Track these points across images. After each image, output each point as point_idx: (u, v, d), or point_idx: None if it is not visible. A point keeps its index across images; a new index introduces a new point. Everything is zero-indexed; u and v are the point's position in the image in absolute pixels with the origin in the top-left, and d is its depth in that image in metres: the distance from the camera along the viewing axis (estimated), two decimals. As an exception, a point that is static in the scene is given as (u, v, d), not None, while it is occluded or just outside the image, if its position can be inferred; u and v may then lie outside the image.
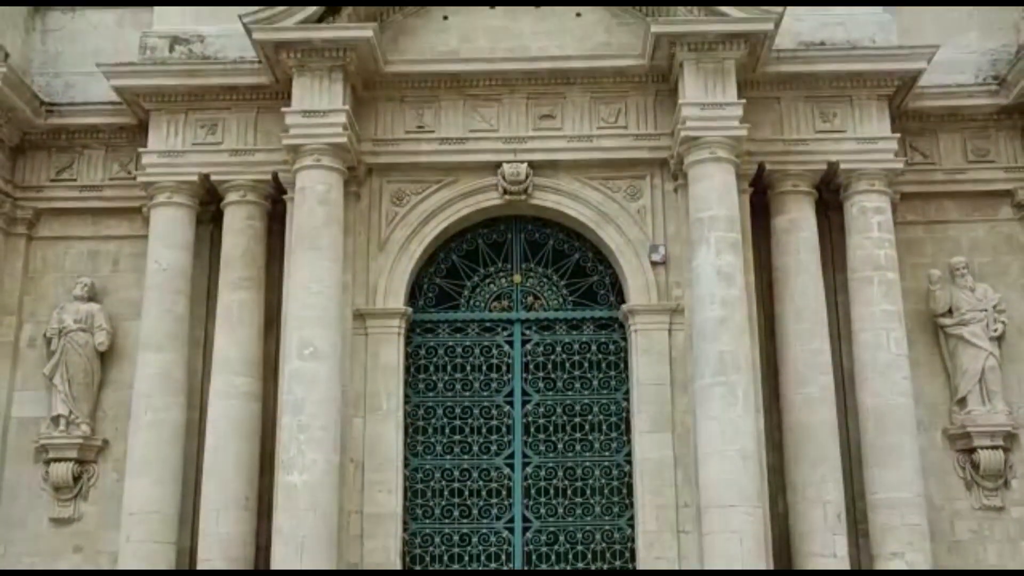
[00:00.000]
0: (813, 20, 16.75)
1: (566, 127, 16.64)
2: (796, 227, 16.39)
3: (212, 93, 16.60)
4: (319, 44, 15.87)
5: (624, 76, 16.63)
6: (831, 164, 16.35)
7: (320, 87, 16.01)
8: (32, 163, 17.58)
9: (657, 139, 16.53)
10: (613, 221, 16.53)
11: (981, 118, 17.24)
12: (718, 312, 15.11)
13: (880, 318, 15.83)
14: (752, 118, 15.94)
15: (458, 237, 17.11)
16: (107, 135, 17.46)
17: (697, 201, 15.67)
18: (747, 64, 16.06)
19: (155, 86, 16.54)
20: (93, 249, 17.41)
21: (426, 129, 16.69)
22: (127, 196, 17.17)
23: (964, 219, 17.25)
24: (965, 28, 17.65)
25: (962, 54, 17.41)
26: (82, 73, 17.53)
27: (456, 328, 16.85)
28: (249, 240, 16.42)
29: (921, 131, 17.24)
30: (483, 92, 16.70)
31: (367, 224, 16.58)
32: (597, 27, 16.90)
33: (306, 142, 15.79)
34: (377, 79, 16.55)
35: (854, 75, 16.35)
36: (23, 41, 17.82)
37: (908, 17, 17.42)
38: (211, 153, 16.58)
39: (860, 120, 16.43)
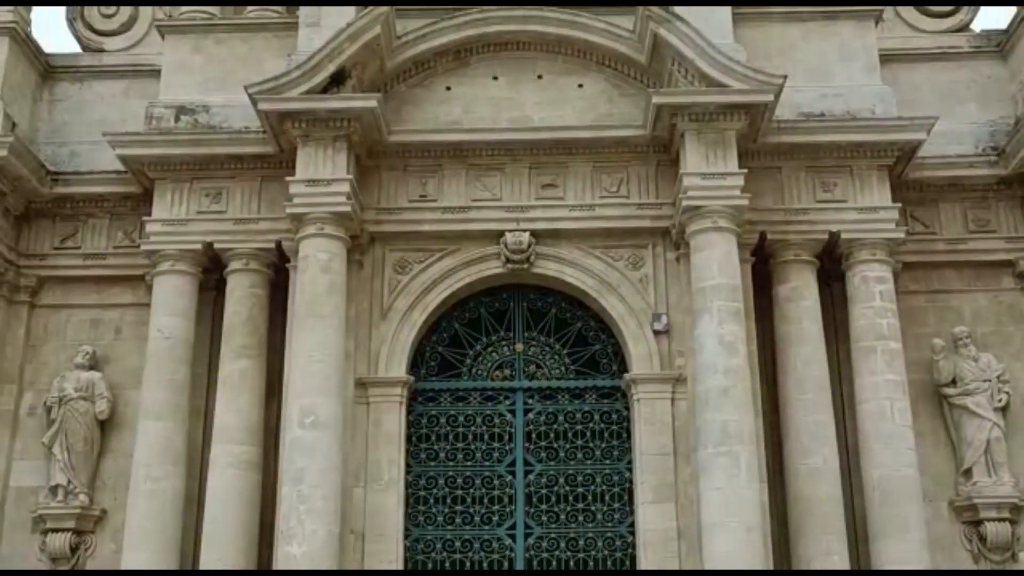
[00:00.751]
0: (813, 91, 16.92)
1: (568, 196, 16.73)
2: (798, 296, 16.40)
3: (217, 162, 16.73)
4: (323, 114, 16.02)
5: (626, 146, 16.76)
6: (832, 234, 16.40)
7: (324, 156, 16.14)
8: (36, 231, 17.68)
9: (659, 208, 16.61)
10: (615, 290, 16.55)
11: (981, 188, 17.34)
12: (721, 382, 15.05)
13: (884, 388, 15.76)
14: (753, 187, 16.03)
15: (460, 305, 17.11)
16: (112, 204, 17.57)
17: (699, 270, 15.70)
18: (748, 134, 16.19)
19: (160, 155, 16.67)
20: (95, 317, 17.41)
21: (429, 198, 16.79)
22: (131, 264, 17.22)
23: (966, 289, 17.27)
24: (964, 100, 17.84)
25: (961, 125, 17.57)
26: (88, 142, 17.71)
27: (458, 397, 16.78)
28: (251, 308, 16.43)
29: (922, 201, 17.34)
30: (486, 161, 16.83)
31: (370, 292, 16.60)
32: (599, 98, 17.07)
33: (310, 211, 15.86)
34: (381, 148, 16.68)
35: (854, 145, 16.47)
36: (31, 110, 18.02)
37: (907, 89, 17.61)
38: (215, 222, 16.66)
39: (861, 190, 16.53)
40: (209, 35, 17.56)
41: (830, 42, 17.26)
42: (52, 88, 18.41)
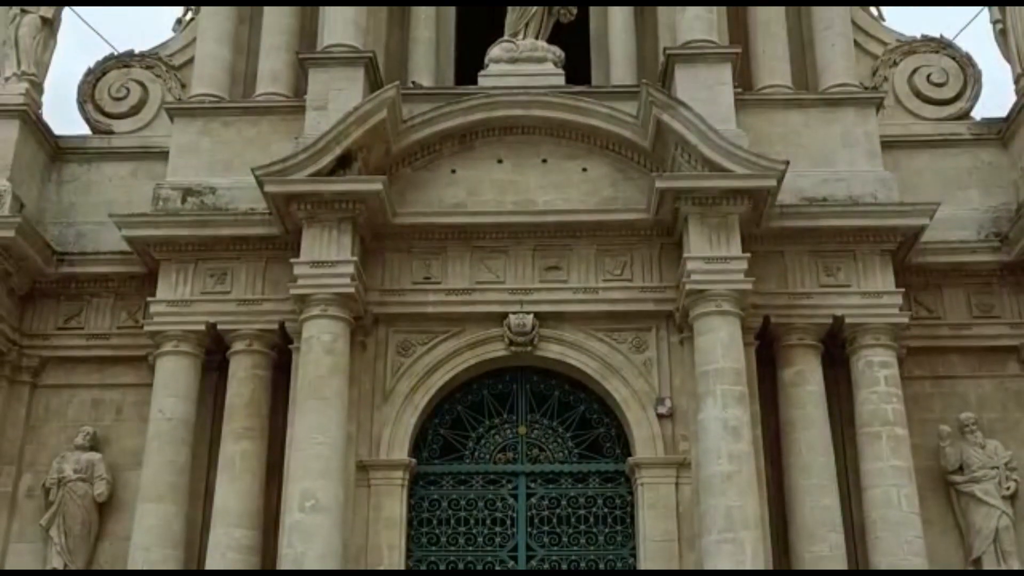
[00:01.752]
0: (815, 176, 17.04)
1: (572, 279, 16.77)
2: (803, 380, 16.33)
3: (222, 243, 16.80)
4: (329, 196, 16.14)
5: (630, 229, 16.83)
6: (836, 318, 16.39)
7: (329, 238, 16.21)
8: (40, 311, 17.68)
9: (662, 292, 16.62)
10: (619, 373, 16.48)
11: (985, 274, 17.36)
12: (725, 467, 14.92)
13: (890, 474, 15.61)
14: (757, 271, 16.06)
15: (463, 388, 17.04)
16: (116, 284, 17.61)
17: (703, 354, 15.66)
18: (751, 219, 16.27)
19: (166, 236, 16.75)
20: (97, 398, 17.34)
21: (433, 280, 16.82)
22: (134, 344, 17.19)
23: (971, 375, 17.19)
24: (965, 186, 17.95)
25: (963, 211, 17.65)
26: (94, 223, 17.80)
27: (460, 480, 16.63)
28: (254, 390, 16.36)
29: (925, 286, 17.34)
30: (490, 244, 16.89)
31: (372, 374, 16.54)
32: (602, 181, 17.18)
33: (314, 292, 15.89)
34: (385, 230, 16.76)
35: (857, 230, 16.54)
36: (39, 191, 18.15)
37: (909, 175, 17.74)
38: (219, 303, 16.68)
39: (864, 274, 16.55)
40: (217, 118, 17.76)
41: (832, 128, 17.42)
42: (61, 169, 18.57)
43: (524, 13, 18.60)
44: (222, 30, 18.67)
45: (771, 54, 18.36)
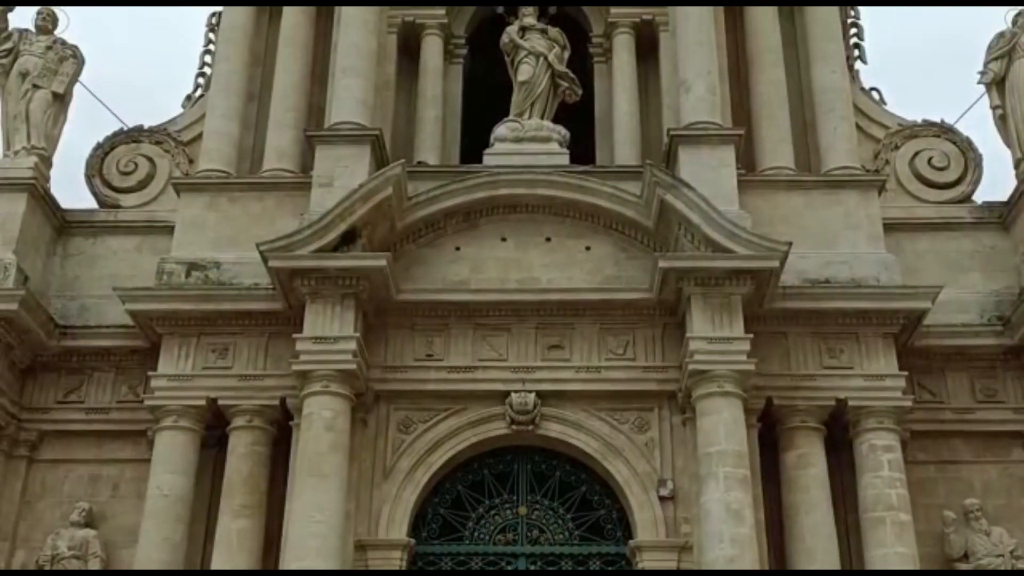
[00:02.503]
0: (818, 258, 17.08)
1: (574, 358, 16.73)
2: (806, 463, 16.21)
3: (225, 318, 16.81)
4: (333, 272, 16.19)
5: (632, 309, 16.84)
6: (839, 400, 16.31)
7: (332, 314, 16.22)
8: (41, 385, 17.62)
9: (665, 371, 16.58)
10: (620, 454, 16.37)
11: (988, 358, 17.30)
12: (728, 551, 14.75)
13: (894, 561, 15.40)
14: (759, 352, 16.03)
15: (464, 466, 16.91)
16: (118, 358, 17.57)
17: (705, 435, 15.56)
18: (754, 299, 16.28)
19: (170, 310, 16.77)
20: (94, 473, 17.19)
21: (435, 357, 16.79)
22: (133, 419, 17.10)
23: (976, 460, 17.04)
24: (967, 269, 17.97)
25: (966, 294, 17.65)
26: (98, 296, 17.82)
27: (460, 561, 16.43)
28: (252, 466, 16.25)
29: (928, 369, 17.26)
30: (493, 321, 16.89)
31: (372, 451, 16.44)
32: (606, 260, 17.23)
33: (316, 368, 15.86)
34: (388, 306, 16.77)
35: (860, 313, 16.53)
36: (44, 264, 18.18)
37: (911, 257, 17.78)
38: (220, 377, 16.63)
39: (867, 357, 16.50)
40: (223, 193, 17.90)
41: (834, 211, 17.51)
42: (66, 243, 18.61)
43: (530, 94, 18.85)
44: (231, 107, 18.88)
45: (773, 136, 18.52)
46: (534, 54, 19.06)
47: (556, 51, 19.19)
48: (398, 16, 19.89)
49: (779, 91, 18.88)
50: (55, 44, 18.82)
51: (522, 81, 18.98)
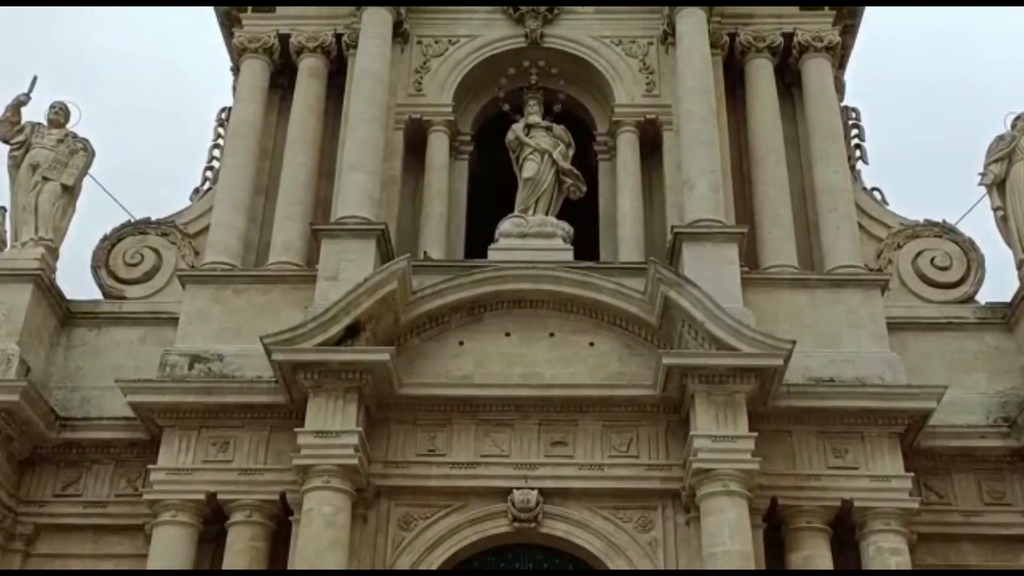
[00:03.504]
0: (822, 357, 17.07)
1: (578, 455, 16.60)
2: (811, 564, 15.98)
3: (227, 411, 16.72)
4: (336, 366, 16.15)
5: (636, 405, 16.76)
6: (845, 501, 16.14)
7: (334, 408, 16.15)
8: (39, 477, 17.43)
9: (668, 470, 16.44)
10: (624, 553, 16.15)
11: (994, 459, 17.15)
12: (734, 656, 14.45)
13: (903, 668, 15.09)
14: (764, 451, 15.92)
15: (465, 564, 16.65)
16: (118, 450, 17.42)
17: (710, 535, 15.38)
18: (758, 398, 16.22)
19: (172, 403, 16.69)
20: (90, 568, 16.90)
21: (437, 452, 16.67)
22: (132, 513, 16.88)
23: (985, 564, 16.75)
24: (972, 369, 17.92)
25: (971, 395, 17.57)
26: (100, 388, 17.74)
27: (459, 662, 16.11)
28: (250, 562, 16.02)
29: (934, 470, 17.11)
30: (495, 417, 16.79)
31: (373, 548, 16.22)
32: (609, 356, 17.20)
33: (317, 463, 15.74)
34: (391, 401, 16.70)
35: (865, 412, 16.45)
36: (47, 355, 18.15)
37: (915, 357, 17.74)
38: (220, 471, 16.48)
39: (872, 457, 16.37)
40: (229, 285, 17.97)
41: (837, 309, 17.55)
42: (70, 333, 18.58)
43: (535, 190, 19.07)
44: (238, 200, 19.10)
45: (777, 234, 18.68)
46: (539, 151, 19.33)
47: (561, 148, 19.47)
48: (405, 113, 20.18)
49: (782, 190, 19.09)
50: (66, 137, 19.09)
51: (527, 178, 19.19)
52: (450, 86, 20.44)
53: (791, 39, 20.50)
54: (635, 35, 20.75)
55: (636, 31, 20.79)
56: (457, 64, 20.61)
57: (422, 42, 20.85)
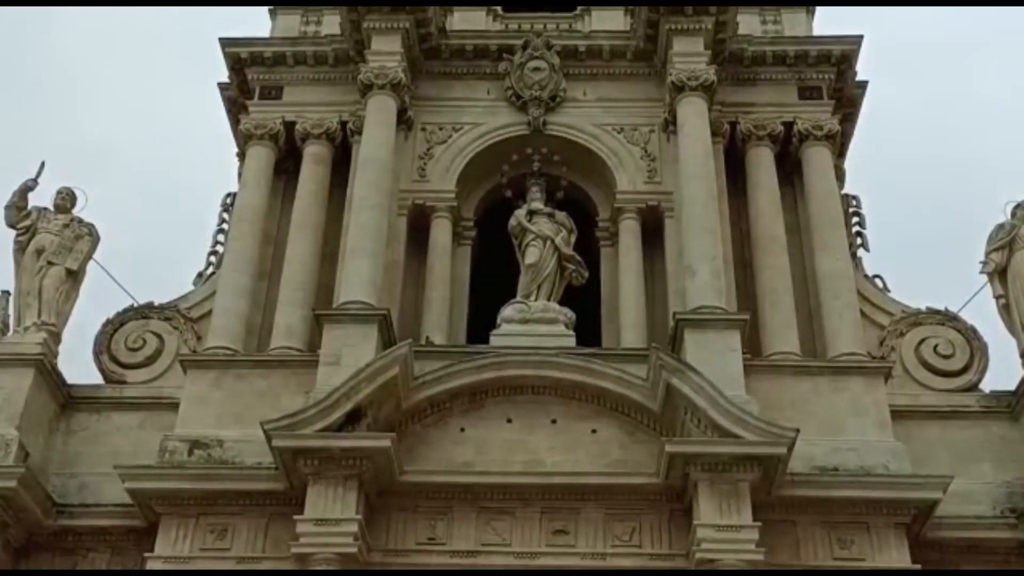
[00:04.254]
0: (825, 445, 16.95)
1: (580, 543, 16.40)
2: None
3: (226, 498, 16.56)
4: (337, 452, 16.06)
5: (639, 493, 16.60)
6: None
7: (334, 495, 16.01)
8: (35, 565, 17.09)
9: (672, 559, 16.23)
10: (627, 644, 15.87)
11: (1003, 551, 16.89)
12: None
13: None
14: (768, 540, 15.72)
15: (468, 652, 16.38)
16: (115, 538, 17.19)
17: (714, 627, 15.12)
18: (762, 486, 16.07)
19: (170, 489, 16.54)
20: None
21: (438, 540, 16.48)
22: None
23: (996, 659, 16.47)
24: (978, 459, 17.75)
25: (976, 485, 17.37)
26: (99, 474, 17.55)
27: None
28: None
29: (941, 562, 16.83)
30: (497, 505, 16.63)
31: (372, 637, 15.96)
32: (612, 443, 17.08)
33: (316, 551, 15.58)
34: (392, 488, 16.55)
35: (870, 502, 16.28)
36: (46, 440, 17.99)
37: (920, 446, 17.55)
38: (218, 560, 16.26)
39: (879, 548, 16.16)
40: (230, 370, 17.94)
41: (841, 397, 17.48)
42: (70, 418, 18.45)
43: (537, 276, 19.11)
44: (241, 285, 19.18)
45: (779, 321, 18.69)
46: (541, 237, 19.40)
47: (563, 235, 19.54)
48: (408, 199, 20.34)
49: (784, 277, 19.15)
50: (72, 222, 19.22)
51: (529, 263, 19.25)
52: (453, 172, 20.64)
53: (791, 127, 20.75)
54: (637, 123, 21.01)
55: (638, 119, 21.05)
56: (460, 151, 20.83)
57: (426, 129, 21.10)
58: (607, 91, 21.34)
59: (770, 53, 21.27)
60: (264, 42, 21.95)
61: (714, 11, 20.62)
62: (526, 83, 21.00)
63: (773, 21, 22.40)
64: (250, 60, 21.61)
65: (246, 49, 21.65)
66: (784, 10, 22.50)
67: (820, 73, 21.20)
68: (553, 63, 21.14)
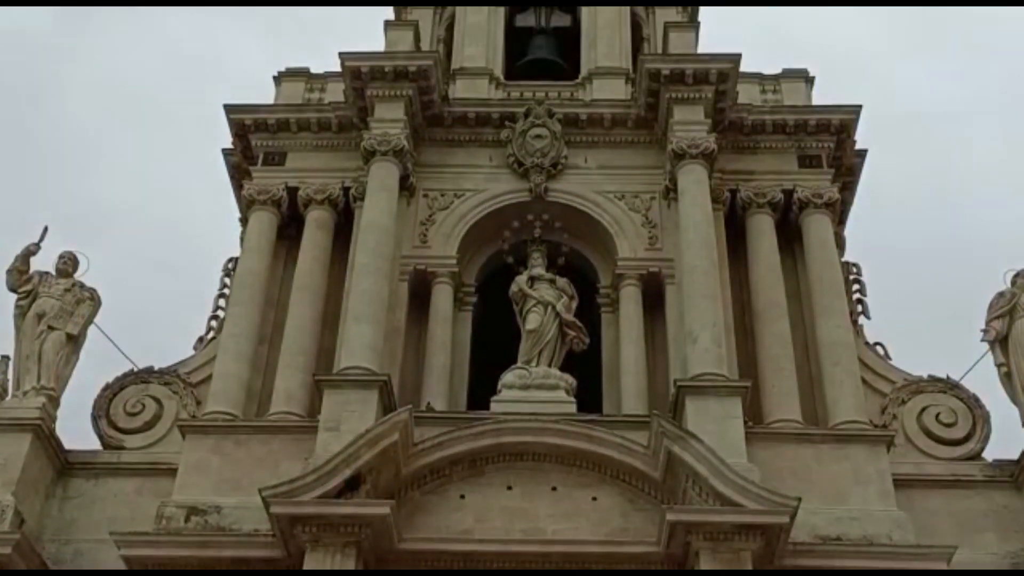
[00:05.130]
0: (828, 514, 16.83)
1: (581, 614, 16.21)
2: None
3: (223, 564, 16.37)
4: (336, 519, 15.93)
5: (640, 562, 16.45)
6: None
7: (332, 562, 15.86)
8: (26, 632, 16.99)
9: (676, 625, 16.03)
10: None
11: (1015, 617, 16.73)
12: None
13: None
14: (773, 613, 15.55)
15: None
16: (109, 605, 17.04)
17: None
18: (764, 556, 15.92)
19: (166, 556, 16.37)
20: None
21: (438, 609, 16.30)
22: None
23: None
24: (982, 529, 17.55)
25: (981, 555, 17.15)
26: (94, 540, 17.28)
27: None
28: None
29: (954, 623, 16.65)
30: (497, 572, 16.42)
31: None
32: (613, 511, 16.96)
33: (314, 620, 15.37)
34: (390, 556, 16.38)
35: (874, 573, 16.13)
36: (42, 507, 17.77)
37: (923, 515, 17.34)
38: (214, 628, 16.10)
39: (886, 621, 15.96)
40: (229, 436, 17.86)
41: (843, 465, 17.36)
42: (67, 484, 18.19)
43: (538, 342, 19.10)
44: (241, 350, 19.17)
45: (780, 389, 18.64)
46: (542, 303, 19.43)
47: (564, 301, 19.57)
48: (410, 264, 20.40)
49: (785, 345, 19.14)
50: (73, 287, 19.23)
51: (530, 329, 19.26)
52: (455, 238, 20.73)
53: (791, 195, 20.87)
54: (638, 190, 21.14)
55: (639, 186, 21.18)
56: (462, 217, 20.94)
57: (428, 195, 21.24)
58: (608, 158, 21.52)
59: (770, 122, 21.48)
60: (268, 109, 22.17)
61: (714, 80, 20.88)
62: (528, 150, 21.18)
63: (772, 90, 22.64)
64: (254, 126, 21.83)
65: (250, 116, 21.89)
66: (783, 80, 22.74)
67: (820, 142, 21.40)
68: (555, 131, 21.34)
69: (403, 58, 21.41)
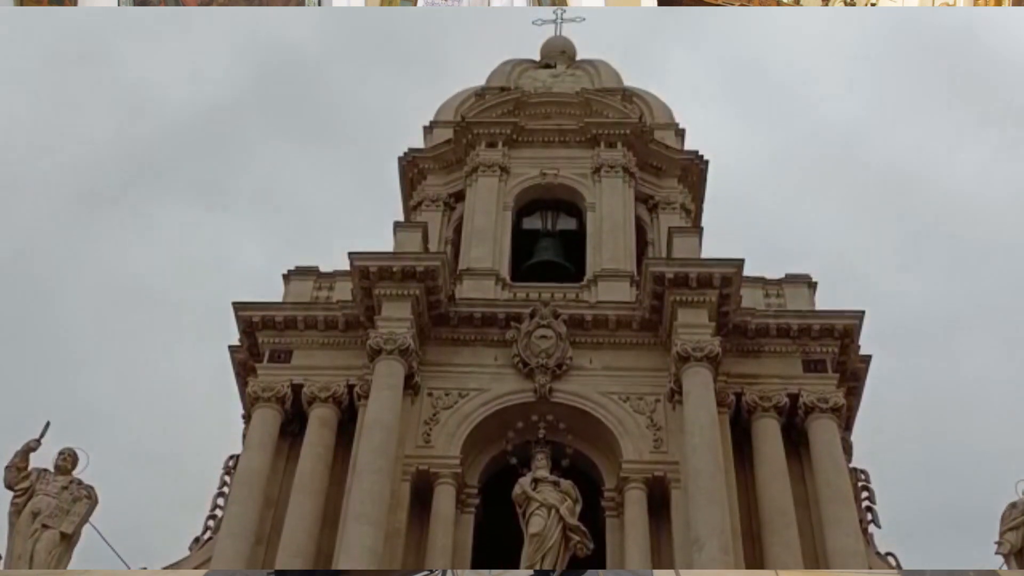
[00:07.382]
0: None
1: None
2: None
3: None
4: None
5: None
6: None
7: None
8: None
9: None
10: None
11: None
12: None
13: None
14: None
15: None
16: None
17: None
18: None
19: None
20: None
21: None
22: None
23: None
24: None
25: None
26: None
27: None
28: None
29: None
30: None
31: None
32: None
33: None
34: None
35: None
36: None
37: None
38: None
39: None
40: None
41: None
42: None
43: (541, 546, 18.70)
44: (238, 551, 18.89)
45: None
46: (546, 506, 19.10)
47: (568, 504, 19.22)
48: (413, 464, 20.19)
49: (793, 552, 18.75)
50: (71, 484, 18.93)
51: (533, 533, 18.85)
52: (459, 438, 20.57)
53: (796, 399, 20.80)
54: (642, 392, 21.10)
55: (643, 388, 21.15)
56: (466, 417, 20.85)
57: (432, 394, 21.20)
58: (613, 359, 21.59)
59: (774, 325, 21.63)
60: (277, 307, 22.40)
61: (717, 284, 21.13)
62: (533, 351, 21.27)
63: (776, 295, 22.87)
64: (261, 324, 22.02)
65: (259, 313, 22.11)
66: (786, 284, 23.00)
67: (824, 346, 21.49)
68: (560, 332, 21.48)
69: (411, 259, 21.80)
